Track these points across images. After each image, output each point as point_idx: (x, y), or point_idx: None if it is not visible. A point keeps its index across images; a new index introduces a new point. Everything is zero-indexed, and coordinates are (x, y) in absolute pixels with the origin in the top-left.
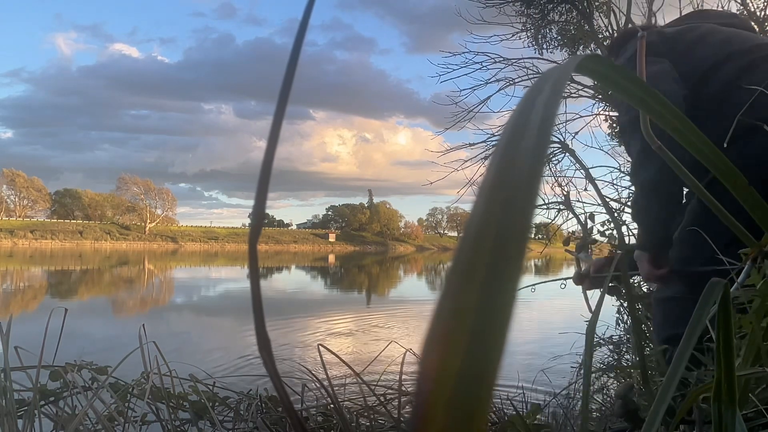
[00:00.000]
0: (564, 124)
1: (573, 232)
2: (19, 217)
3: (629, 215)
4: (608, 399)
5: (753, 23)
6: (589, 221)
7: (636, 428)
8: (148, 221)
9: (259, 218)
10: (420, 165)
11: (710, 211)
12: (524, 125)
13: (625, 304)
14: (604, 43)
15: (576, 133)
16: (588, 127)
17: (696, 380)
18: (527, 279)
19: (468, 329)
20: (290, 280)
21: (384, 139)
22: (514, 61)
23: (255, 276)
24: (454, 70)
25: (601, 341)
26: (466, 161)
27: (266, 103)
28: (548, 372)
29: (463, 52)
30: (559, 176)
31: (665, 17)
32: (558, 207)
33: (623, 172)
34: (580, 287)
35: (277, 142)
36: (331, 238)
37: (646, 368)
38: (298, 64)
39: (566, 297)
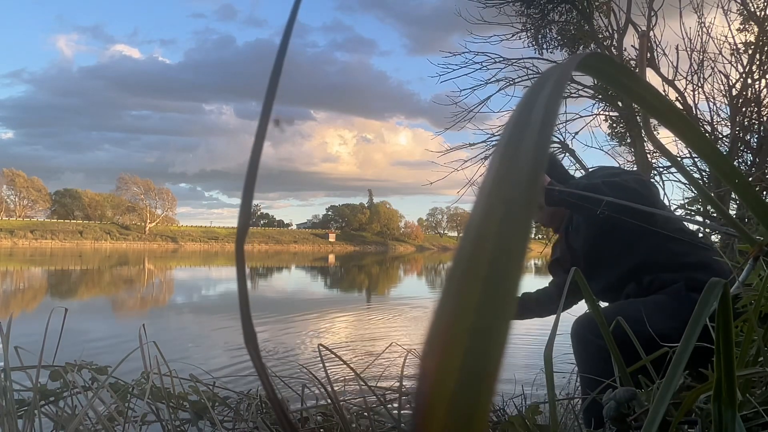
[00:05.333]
0: (564, 124)
1: None
2: (19, 217)
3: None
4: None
5: (754, 24)
6: None
7: None
8: (148, 221)
9: (246, 219)
10: (420, 165)
11: None
12: (525, 124)
13: None
14: (604, 43)
15: (576, 133)
16: (588, 127)
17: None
18: (527, 279)
19: (469, 329)
20: (290, 280)
21: (384, 139)
22: (514, 61)
23: (242, 273)
24: (454, 70)
25: None
26: (466, 161)
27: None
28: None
29: (463, 53)
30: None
31: (665, 17)
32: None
33: None
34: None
35: (263, 143)
36: (331, 238)
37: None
38: (285, 61)
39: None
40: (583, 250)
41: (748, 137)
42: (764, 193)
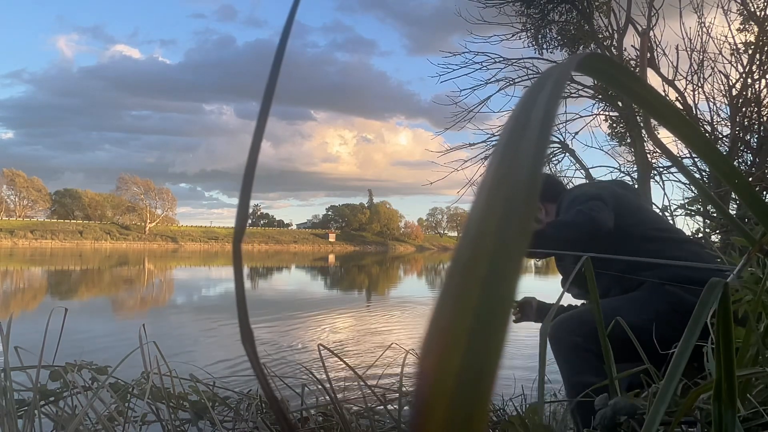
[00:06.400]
0: (564, 124)
1: None
2: (19, 217)
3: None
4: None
5: (754, 24)
6: None
7: None
8: (148, 221)
9: (243, 218)
10: (420, 165)
11: None
12: (525, 124)
13: None
14: (604, 43)
15: (576, 133)
16: (588, 127)
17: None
18: (527, 279)
19: (468, 329)
20: (290, 280)
21: (384, 139)
22: (514, 61)
23: (239, 271)
24: (454, 70)
25: None
26: (466, 161)
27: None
28: (548, 371)
29: (463, 53)
30: (559, 176)
31: (665, 17)
32: None
33: (623, 172)
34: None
35: (261, 142)
36: (331, 238)
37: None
38: (283, 62)
39: (565, 296)
40: (573, 264)
41: (748, 137)
42: (764, 193)
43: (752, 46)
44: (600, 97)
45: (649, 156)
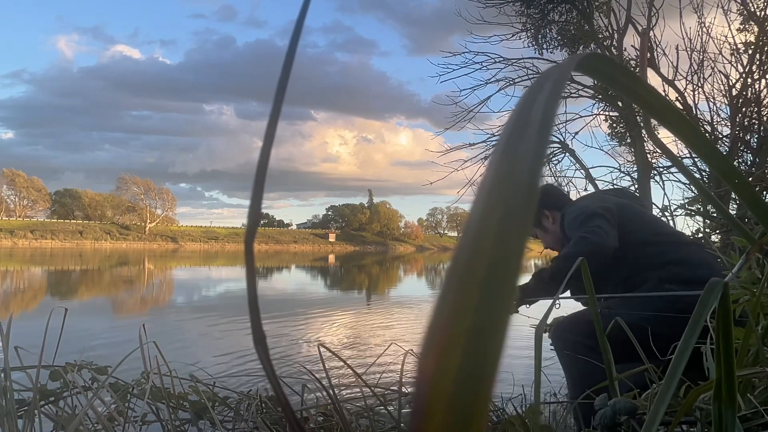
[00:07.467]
0: (564, 124)
1: None
2: (19, 217)
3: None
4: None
5: (754, 24)
6: None
7: None
8: (148, 221)
9: (256, 218)
10: (420, 165)
11: None
12: (524, 124)
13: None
14: (604, 43)
15: (576, 133)
16: (588, 127)
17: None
18: (526, 278)
19: (467, 328)
20: (290, 280)
21: (385, 139)
22: (514, 61)
23: (251, 272)
24: (454, 70)
25: None
26: (466, 161)
27: (267, 104)
28: (547, 371)
29: (463, 53)
30: (559, 176)
31: (665, 17)
32: None
33: (623, 172)
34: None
35: (273, 142)
36: (331, 238)
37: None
38: (293, 63)
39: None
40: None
41: (748, 137)
42: (764, 193)
43: (752, 46)
44: (600, 97)
45: (649, 156)
